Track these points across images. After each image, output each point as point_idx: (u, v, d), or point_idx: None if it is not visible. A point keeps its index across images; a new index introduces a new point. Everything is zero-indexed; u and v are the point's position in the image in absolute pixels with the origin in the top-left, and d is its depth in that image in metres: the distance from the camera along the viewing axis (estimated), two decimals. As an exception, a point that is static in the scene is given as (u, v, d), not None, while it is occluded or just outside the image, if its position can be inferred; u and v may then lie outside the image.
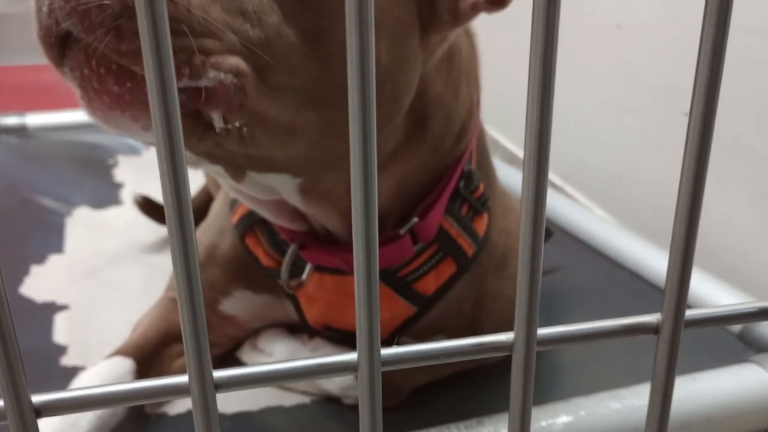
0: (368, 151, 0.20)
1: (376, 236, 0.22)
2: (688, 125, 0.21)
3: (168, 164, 0.19)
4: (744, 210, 0.84)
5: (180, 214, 0.20)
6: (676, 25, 0.91)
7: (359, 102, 0.20)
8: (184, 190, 0.20)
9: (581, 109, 1.13)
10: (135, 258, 0.87)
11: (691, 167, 0.19)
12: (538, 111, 0.25)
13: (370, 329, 0.23)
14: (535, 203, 0.28)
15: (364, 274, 0.21)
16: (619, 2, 1.02)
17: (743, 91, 0.81)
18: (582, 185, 1.16)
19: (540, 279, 0.30)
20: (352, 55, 0.20)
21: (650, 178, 1.00)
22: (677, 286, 0.19)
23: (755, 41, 0.79)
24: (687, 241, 0.19)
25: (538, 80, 0.23)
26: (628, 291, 0.81)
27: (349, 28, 0.20)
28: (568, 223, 0.95)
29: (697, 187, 0.18)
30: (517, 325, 0.26)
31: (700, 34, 0.22)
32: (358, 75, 0.20)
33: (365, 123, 0.20)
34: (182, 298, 0.21)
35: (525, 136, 0.28)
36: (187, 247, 0.20)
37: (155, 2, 0.18)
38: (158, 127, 0.19)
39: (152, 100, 0.19)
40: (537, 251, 0.29)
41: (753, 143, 0.81)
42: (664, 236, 0.97)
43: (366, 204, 0.21)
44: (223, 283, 0.62)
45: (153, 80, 0.18)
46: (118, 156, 1.17)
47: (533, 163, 0.25)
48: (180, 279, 0.21)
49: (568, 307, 0.78)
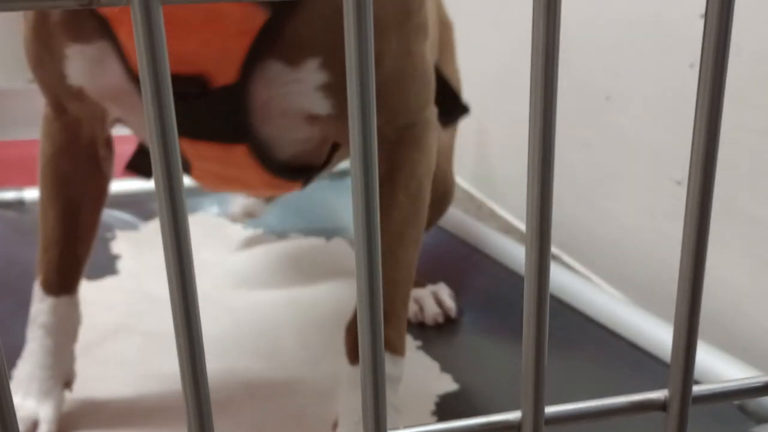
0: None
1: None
2: (687, 200, 0.22)
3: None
4: (740, 273, 0.84)
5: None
6: (662, 96, 0.94)
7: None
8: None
9: (575, 177, 1.15)
10: (131, 329, 0.86)
11: (691, 250, 0.19)
12: (539, 182, 0.26)
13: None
14: (538, 278, 0.28)
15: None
16: (608, 75, 1.05)
17: (733, 157, 0.83)
18: (578, 253, 1.16)
19: (546, 354, 0.30)
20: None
21: (645, 244, 1.00)
22: (683, 364, 0.20)
23: (742, 109, 0.81)
24: (691, 319, 0.19)
25: (539, 151, 0.24)
26: (625, 360, 0.81)
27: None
28: (565, 292, 0.95)
29: (698, 267, 0.19)
30: (523, 403, 0.26)
31: (695, 107, 0.23)
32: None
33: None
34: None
35: (527, 207, 0.28)
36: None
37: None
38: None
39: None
40: (542, 324, 0.29)
41: (746, 206, 0.82)
42: (662, 303, 0.97)
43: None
44: (57, 43, 0.56)
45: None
46: (115, 230, 1.17)
47: (536, 237, 0.26)
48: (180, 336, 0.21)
49: (565, 377, 0.77)
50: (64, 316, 0.67)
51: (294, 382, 0.77)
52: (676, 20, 0.90)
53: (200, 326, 0.20)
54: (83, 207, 0.67)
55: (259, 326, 0.89)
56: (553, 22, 0.17)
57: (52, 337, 0.66)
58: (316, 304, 0.95)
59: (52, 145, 0.65)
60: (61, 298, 0.67)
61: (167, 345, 0.80)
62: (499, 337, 0.88)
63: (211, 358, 0.80)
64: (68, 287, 0.67)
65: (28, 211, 1.24)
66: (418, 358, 0.83)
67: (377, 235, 0.21)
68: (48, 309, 0.66)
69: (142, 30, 0.15)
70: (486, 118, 1.42)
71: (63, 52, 0.56)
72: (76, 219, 0.67)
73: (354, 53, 0.19)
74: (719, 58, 0.18)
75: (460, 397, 0.75)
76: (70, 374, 0.69)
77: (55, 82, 0.59)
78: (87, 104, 0.61)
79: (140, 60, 0.15)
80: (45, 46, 0.57)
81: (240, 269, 1.06)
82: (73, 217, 0.67)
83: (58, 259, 0.66)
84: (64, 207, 0.66)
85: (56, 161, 0.65)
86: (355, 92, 0.18)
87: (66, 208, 0.66)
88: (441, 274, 1.07)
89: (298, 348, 0.84)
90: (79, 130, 0.64)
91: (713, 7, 0.18)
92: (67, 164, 0.65)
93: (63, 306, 0.67)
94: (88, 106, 0.61)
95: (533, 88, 0.19)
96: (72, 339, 0.69)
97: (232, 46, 0.52)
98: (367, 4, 0.19)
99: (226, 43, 0.51)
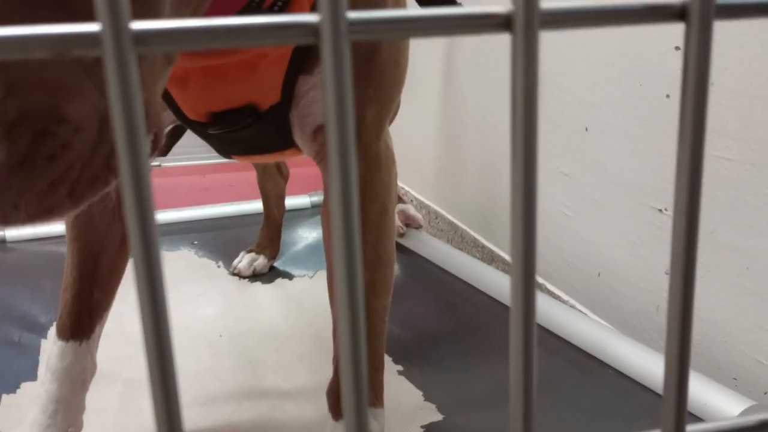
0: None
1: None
2: (673, 233, 0.22)
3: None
4: (725, 304, 0.85)
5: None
6: (640, 125, 0.95)
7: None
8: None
9: (557, 207, 1.16)
10: (112, 376, 0.84)
11: (679, 293, 0.20)
12: (522, 212, 0.26)
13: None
14: (524, 308, 0.28)
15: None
16: (585, 107, 1.06)
17: (713, 188, 0.84)
18: (562, 282, 1.17)
19: (535, 385, 0.30)
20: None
21: (628, 273, 1.01)
22: (675, 404, 0.20)
23: (719, 140, 0.83)
24: (681, 362, 0.20)
25: (521, 182, 0.24)
26: (613, 390, 0.81)
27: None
28: (549, 321, 0.96)
29: (686, 306, 0.19)
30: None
31: (678, 138, 0.24)
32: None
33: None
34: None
35: (511, 240, 0.29)
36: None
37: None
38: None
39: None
40: (530, 354, 0.29)
41: (727, 237, 0.83)
42: (647, 331, 0.98)
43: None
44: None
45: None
46: (97, 266, 1.16)
47: (521, 266, 0.26)
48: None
49: (554, 408, 0.77)
50: (72, 363, 0.63)
51: (275, 413, 0.77)
52: (652, 52, 0.92)
53: (175, 370, 0.20)
54: (105, 250, 0.64)
55: (239, 359, 0.89)
56: (533, 59, 0.17)
57: (57, 383, 0.62)
58: (296, 337, 0.94)
59: None
60: (71, 343, 0.63)
61: (148, 392, 0.79)
62: (483, 366, 0.87)
63: (190, 390, 0.80)
64: (80, 332, 0.63)
65: (9, 249, 1.23)
66: (400, 384, 0.83)
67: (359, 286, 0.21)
68: (57, 353, 0.63)
69: (116, 79, 0.15)
70: (468, 149, 1.43)
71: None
72: (95, 262, 0.63)
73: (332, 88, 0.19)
74: (700, 82, 0.18)
75: (445, 428, 0.75)
76: (75, 425, 0.64)
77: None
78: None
79: (114, 107, 0.15)
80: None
81: (222, 302, 1.06)
82: (91, 260, 0.63)
83: (71, 302, 0.63)
84: (81, 250, 0.63)
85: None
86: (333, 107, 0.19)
87: (83, 250, 0.63)
88: (424, 302, 1.07)
89: (280, 380, 0.84)
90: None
91: (693, 35, 0.19)
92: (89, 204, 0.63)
93: (71, 352, 0.63)
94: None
95: (514, 121, 0.20)
96: (80, 387, 0.64)
97: (274, 71, 0.56)
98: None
99: (269, 70, 0.56)
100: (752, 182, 0.80)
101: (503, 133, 1.31)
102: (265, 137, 0.62)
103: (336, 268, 0.17)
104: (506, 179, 1.29)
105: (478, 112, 1.38)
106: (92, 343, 0.64)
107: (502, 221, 1.33)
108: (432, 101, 1.57)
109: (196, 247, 1.28)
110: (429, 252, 1.23)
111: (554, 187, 1.15)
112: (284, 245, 1.24)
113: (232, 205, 1.46)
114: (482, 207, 1.42)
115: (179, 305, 1.03)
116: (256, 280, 1.14)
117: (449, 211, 1.56)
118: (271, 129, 0.61)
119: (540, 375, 0.82)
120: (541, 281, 1.20)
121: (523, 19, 0.17)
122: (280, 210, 1.21)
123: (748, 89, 0.79)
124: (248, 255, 1.18)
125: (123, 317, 1.00)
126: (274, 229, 1.21)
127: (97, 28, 0.15)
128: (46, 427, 0.62)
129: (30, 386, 0.81)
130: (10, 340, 0.92)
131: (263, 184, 1.20)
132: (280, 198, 1.21)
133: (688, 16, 0.18)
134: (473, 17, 0.17)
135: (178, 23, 0.16)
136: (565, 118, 1.11)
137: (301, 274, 1.17)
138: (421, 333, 0.97)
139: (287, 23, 0.16)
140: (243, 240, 1.23)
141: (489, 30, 0.17)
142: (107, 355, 0.88)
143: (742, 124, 0.80)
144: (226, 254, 1.23)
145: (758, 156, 0.79)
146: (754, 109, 0.78)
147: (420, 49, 1.58)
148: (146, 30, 0.16)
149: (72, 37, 0.16)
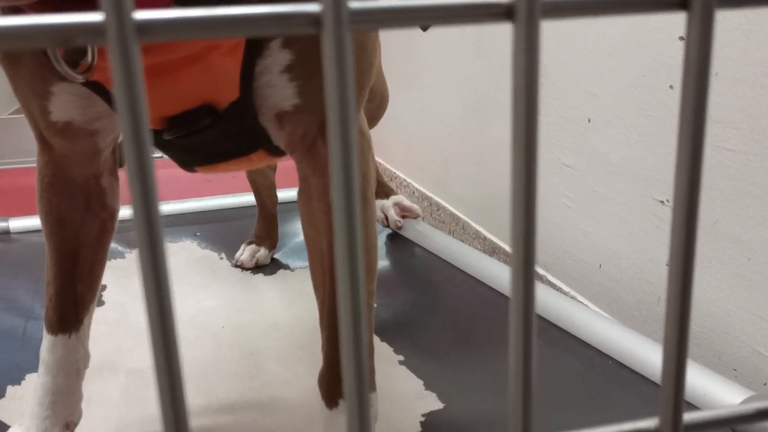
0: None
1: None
2: (672, 224, 0.22)
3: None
4: (726, 294, 0.85)
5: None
6: (643, 116, 0.95)
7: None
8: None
9: (558, 198, 1.16)
10: (115, 367, 0.84)
11: (678, 282, 0.20)
12: (523, 202, 0.26)
13: None
14: (524, 299, 0.28)
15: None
16: (588, 98, 1.06)
17: (715, 178, 0.84)
18: (563, 273, 1.17)
19: (533, 376, 0.30)
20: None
21: (629, 264, 1.01)
22: (673, 393, 0.20)
23: (722, 131, 0.82)
24: (679, 347, 0.20)
25: (522, 172, 0.24)
26: (613, 380, 0.81)
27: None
28: (550, 312, 0.96)
29: (685, 298, 0.19)
30: (511, 427, 0.26)
31: (678, 129, 0.24)
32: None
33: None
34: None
35: (511, 230, 0.29)
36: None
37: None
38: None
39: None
40: (529, 345, 0.29)
41: (728, 228, 0.83)
42: (647, 322, 0.98)
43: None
44: (41, 82, 0.55)
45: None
46: (99, 258, 1.17)
47: (521, 257, 0.26)
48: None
49: (555, 398, 0.77)
50: (64, 355, 0.63)
51: (277, 401, 0.77)
52: (655, 43, 0.92)
53: (180, 360, 0.20)
54: (82, 244, 0.64)
55: (241, 349, 0.89)
56: (534, 49, 0.17)
57: (51, 376, 0.63)
58: (298, 328, 0.95)
59: (41, 180, 0.63)
60: (60, 336, 0.63)
61: (151, 382, 0.79)
62: (483, 356, 0.88)
63: (193, 381, 0.80)
64: (68, 326, 0.64)
65: (13, 240, 1.23)
66: (401, 374, 0.83)
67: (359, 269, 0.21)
68: (48, 347, 0.63)
69: (120, 69, 0.15)
70: (469, 141, 1.43)
71: (48, 90, 0.55)
72: (73, 257, 0.63)
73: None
74: (701, 69, 0.18)
75: (446, 416, 0.75)
76: (73, 414, 0.65)
77: (38, 118, 0.58)
78: (75, 141, 0.59)
79: (118, 98, 0.15)
80: (27, 84, 0.56)
81: (224, 293, 1.06)
82: (69, 255, 0.63)
83: (55, 297, 0.63)
84: (58, 246, 0.63)
85: (46, 196, 0.63)
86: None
87: (60, 247, 0.63)
88: (426, 293, 1.07)
89: (282, 370, 0.84)
90: (67, 167, 0.62)
91: (695, 24, 0.19)
92: (57, 200, 0.63)
93: (61, 345, 0.63)
94: (76, 142, 0.59)
95: (515, 111, 0.20)
96: (74, 377, 0.64)
97: (228, 63, 0.53)
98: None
99: (223, 62, 0.52)
100: (755, 173, 0.79)
101: (505, 124, 1.30)
102: (227, 140, 0.58)
103: (338, 256, 0.18)
104: (508, 170, 1.29)
105: (479, 103, 1.37)
106: (82, 334, 0.65)
107: (504, 213, 1.34)
108: (433, 93, 1.57)
109: (198, 238, 1.28)
110: (430, 243, 1.23)
111: (556, 178, 1.15)
112: (284, 237, 1.25)
113: (234, 197, 1.47)
114: (484, 198, 1.42)
115: (182, 297, 1.03)
116: (258, 272, 1.15)
117: (451, 203, 1.56)
118: (232, 130, 0.57)
119: (540, 365, 0.82)
120: (542, 272, 1.20)
121: (524, 8, 0.17)
122: (272, 200, 1.22)
123: (751, 79, 0.78)
124: (249, 247, 1.18)
125: (125, 307, 1.00)
126: (269, 219, 1.21)
127: (100, 18, 0.15)
128: (45, 419, 0.62)
129: (35, 378, 0.81)
130: (15, 332, 0.92)
131: (252, 177, 1.21)
132: (271, 188, 1.22)
133: (690, 4, 0.18)
134: (475, 6, 0.17)
135: (181, 13, 0.16)
136: (568, 108, 1.11)
137: (301, 266, 1.17)
138: (422, 323, 0.97)
139: (289, 13, 0.16)
140: (245, 231, 1.24)
141: (490, 19, 0.17)
142: (109, 346, 0.88)
143: (745, 114, 0.80)
144: (228, 246, 1.23)
145: (761, 146, 0.78)
146: (757, 100, 0.78)
147: (421, 39, 1.58)
148: (150, 20, 0.16)
149: (75, 26, 0.16)
